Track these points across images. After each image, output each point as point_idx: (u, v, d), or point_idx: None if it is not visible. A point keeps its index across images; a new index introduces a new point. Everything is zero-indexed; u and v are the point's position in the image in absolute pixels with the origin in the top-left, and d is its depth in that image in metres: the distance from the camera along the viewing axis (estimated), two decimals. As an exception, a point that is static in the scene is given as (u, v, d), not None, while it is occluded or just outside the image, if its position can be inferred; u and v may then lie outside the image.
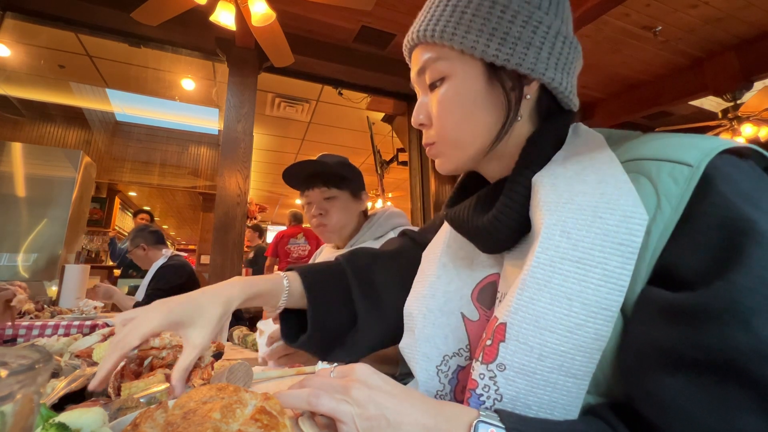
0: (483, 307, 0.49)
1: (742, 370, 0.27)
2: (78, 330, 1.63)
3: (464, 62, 0.45)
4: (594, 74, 3.51)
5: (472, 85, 0.45)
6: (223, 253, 2.62)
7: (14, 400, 0.20)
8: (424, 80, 0.48)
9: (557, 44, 0.44)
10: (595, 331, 0.33)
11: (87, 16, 2.61)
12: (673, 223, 0.33)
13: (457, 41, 0.43)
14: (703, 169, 0.33)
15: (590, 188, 0.37)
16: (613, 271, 0.33)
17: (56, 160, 2.95)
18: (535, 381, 0.35)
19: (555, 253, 0.36)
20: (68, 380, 0.54)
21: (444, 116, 0.47)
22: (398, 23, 2.80)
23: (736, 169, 0.34)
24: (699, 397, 0.28)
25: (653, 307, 0.32)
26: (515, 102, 0.44)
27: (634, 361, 0.33)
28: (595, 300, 0.33)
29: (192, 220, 8.38)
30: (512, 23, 0.42)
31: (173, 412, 0.34)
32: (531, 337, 0.35)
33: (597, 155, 0.40)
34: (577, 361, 0.34)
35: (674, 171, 0.34)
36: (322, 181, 1.08)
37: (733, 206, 0.31)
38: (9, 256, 2.69)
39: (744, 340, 0.27)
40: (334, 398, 0.36)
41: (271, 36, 2.20)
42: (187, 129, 4.88)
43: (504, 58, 0.42)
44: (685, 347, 0.29)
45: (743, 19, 2.80)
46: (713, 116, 3.78)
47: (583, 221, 0.35)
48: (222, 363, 0.69)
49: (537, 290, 0.36)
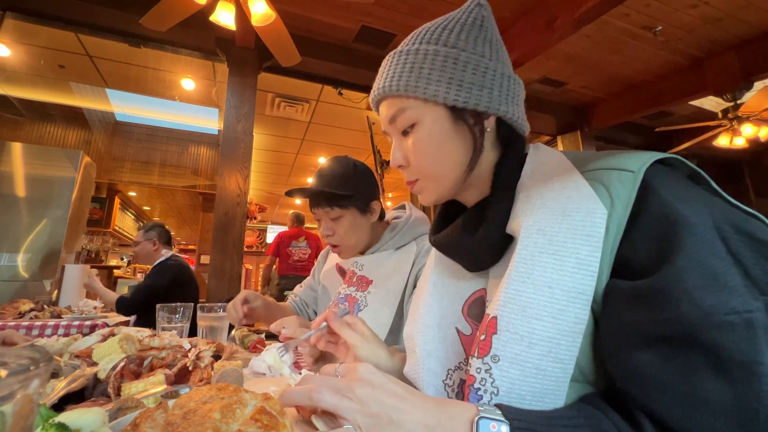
0: (474, 321, 0.52)
1: (695, 338, 0.31)
2: (78, 330, 1.63)
3: (430, 108, 0.52)
4: (594, 74, 3.51)
5: (440, 127, 0.52)
6: (223, 253, 2.62)
7: (14, 400, 0.20)
8: (396, 127, 0.55)
9: (504, 83, 0.52)
10: (575, 315, 0.38)
11: (87, 16, 2.61)
12: (625, 219, 0.38)
13: (420, 92, 0.51)
14: (642, 174, 0.39)
15: (557, 194, 0.43)
16: (584, 259, 0.38)
17: (56, 160, 2.95)
18: (527, 369, 0.38)
19: (534, 249, 0.41)
20: (68, 380, 0.54)
21: (421, 157, 0.53)
22: (398, 23, 2.80)
23: (668, 176, 0.41)
24: (667, 367, 0.32)
25: (619, 295, 0.37)
26: (479, 135, 0.52)
27: (612, 346, 0.37)
28: (572, 286, 0.38)
29: (192, 220, 8.38)
30: (464, 71, 0.50)
31: (173, 412, 0.34)
32: (520, 326, 0.39)
33: (558, 166, 0.47)
34: (563, 346, 0.37)
35: (621, 176, 0.40)
36: (326, 201, 1.01)
37: (670, 205, 0.37)
38: (9, 256, 2.69)
39: (691, 312, 0.31)
40: (336, 395, 0.36)
41: (276, 36, 2.20)
42: (187, 129, 4.87)
43: (463, 100, 0.50)
44: (649, 326, 0.34)
45: (743, 19, 2.80)
46: (713, 116, 3.78)
47: (555, 220, 0.41)
48: (222, 363, 0.69)
49: (521, 282, 0.40)
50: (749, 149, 4.05)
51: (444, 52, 0.51)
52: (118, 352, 0.68)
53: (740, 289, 0.32)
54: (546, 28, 2.56)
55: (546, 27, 2.56)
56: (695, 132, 3.77)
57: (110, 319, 1.91)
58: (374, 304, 0.97)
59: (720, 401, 0.30)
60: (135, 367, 0.63)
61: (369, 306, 0.98)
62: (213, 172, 5.08)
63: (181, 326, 1.13)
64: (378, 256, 1.06)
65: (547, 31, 2.56)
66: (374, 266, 1.04)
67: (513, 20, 2.79)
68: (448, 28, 0.53)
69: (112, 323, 1.84)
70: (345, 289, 1.06)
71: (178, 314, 1.13)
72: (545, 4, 2.58)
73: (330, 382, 0.38)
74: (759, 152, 4.91)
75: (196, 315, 1.13)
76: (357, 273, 1.06)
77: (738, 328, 0.30)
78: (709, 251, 0.34)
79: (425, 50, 0.52)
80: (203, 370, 0.66)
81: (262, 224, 9.18)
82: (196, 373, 0.65)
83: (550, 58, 3.20)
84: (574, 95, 3.94)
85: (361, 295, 1.01)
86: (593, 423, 0.34)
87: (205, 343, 0.85)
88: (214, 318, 1.11)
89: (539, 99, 3.95)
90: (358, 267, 1.07)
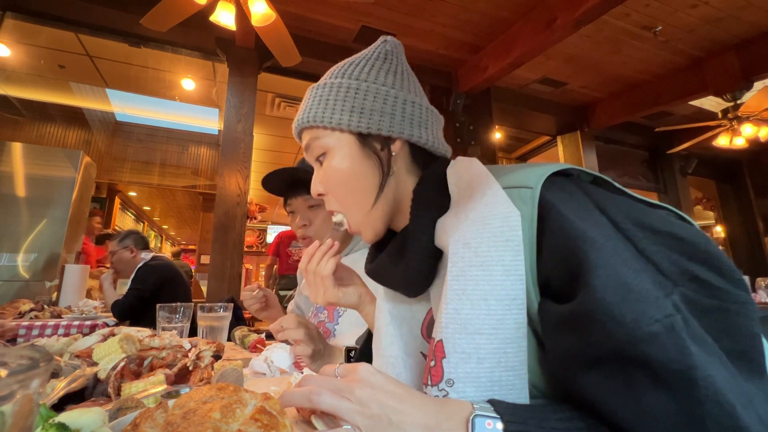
0: None
1: (627, 355, 0.31)
2: (78, 330, 1.63)
3: (337, 137, 0.54)
4: (594, 74, 3.51)
5: (348, 153, 0.54)
6: (223, 253, 2.62)
7: (14, 400, 0.20)
8: (311, 156, 0.58)
9: (406, 108, 0.54)
10: (515, 321, 0.38)
11: (87, 16, 2.61)
12: (534, 238, 0.39)
13: (327, 121, 0.53)
14: (539, 190, 0.40)
15: (477, 203, 0.43)
16: (510, 264, 0.38)
17: (56, 160, 2.95)
18: (482, 385, 0.37)
19: (462, 264, 0.41)
20: (68, 380, 0.54)
21: (333, 183, 0.56)
22: (398, 23, 2.80)
23: (562, 189, 0.41)
24: (611, 386, 0.32)
25: (551, 321, 0.37)
26: (386, 158, 0.54)
27: (557, 370, 0.37)
28: (505, 293, 0.38)
29: (192, 220, 8.38)
30: (365, 99, 0.53)
31: (173, 412, 0.34)
32: (465, 344, 0.38)
33: (475, 175, 0.47)
34: (510, 354, 0.37)
35: (521, 193, 0.41)
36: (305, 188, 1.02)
37: (570, 222, 0.37)
38: (9, 256, 2.68)
39: (616, 330, 0.31)
40: (336, 396, 0.36)
41: (276, 36, 2.20)
42: (187, 129, 4.87)
43: (366, 126, 0.52)
44: (584, 349, 0.34)
45: (743, 19, 2.80)
46: (713, 116, 3.78)
47: (477, 230, 0.41)
48: (222, 363, 0.69)
49: (458, 300, 0.40)
50: (749, 149, 4.05)
51: (346, 83, 0.54)
52: (118, 352, 0.68)
53: (654, 295, 0.32)
54: (546, 28, 2.56)
55: (546, 27, 2.56)
56: (695, 132, 3.77)
57: (110, 319, 1.91)
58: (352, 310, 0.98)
59: (666, 413, 0.29)
60: (135, 367, 0.63)
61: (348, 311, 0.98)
62: (213, 172, 5.07)
63: (181, 326, 1.13)
64: (352, 257, 1.06)
65: (547, 31, 2.56)
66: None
67: (513, 20, 2.79)
68: (355, 63, 0.57)
69: (112, 323, 1.84)
70: None
71: (178, 314, 1.13)
72: (545, 4, 2.58)
73: (330, 383, 0.38)
74: (759, 152, 4.91)
75: (196, 315, 1.13)
76: None
77: (662, 337, 0.30)
78: (616, 262, 0.34)
79: (331, 83, 0.55)
80: (203, 370, 0.66)
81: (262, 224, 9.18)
82: (196, 373, 0.65)
83: (550, 58, 3.20)
84: (574, 95, 3.94)
85: None
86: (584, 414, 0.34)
87: (205, 343, 0.85)
88: (214, 318, 1.11)
89: (539, 99, 3.95)
90: None
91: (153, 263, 2.32)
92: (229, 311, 1.14)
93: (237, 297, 2.51)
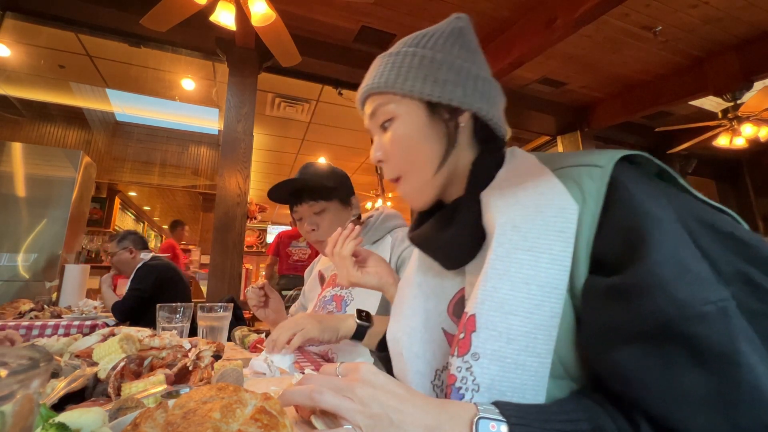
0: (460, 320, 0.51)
1: (672, 331, 0.31)
2: (78, 330, 1.64)
3: (407, 103, 0.54)
4: (594, 74, 3.51)
5: (416, 120, 0.54)
6: (223, 253, 2.62)
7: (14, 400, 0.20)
8: (375, 122, 0.58)
9: (478, 83, 0.54)
10: (551, 309, 0.38)
11: (87, 16, 2.61)
12: (597, 213, 0.39)
13: (399, 87, 0.54)
14: (610, 169, 0.40)
15: (530, 191, 0.44)
16: (558, 255, 0.39)
17: (56, 160, 2.95)
18: (507, 365, 0.38)
19: (509, 245, 0.42)
20: (68, 380, 0.54)
21: (397, 149, 0.56)
22: (398, 23, 2.80)
23: (636, 173, 0.42)
24: (648, 363, 0.32)
25: (597, 293, 0.37)
26: (453, 130, 0.54)
27: (594, 345, 0.37)
28: (547, 281, 0.39)
29: (192, 220, 8.37)
30: (439, 70, 0.53)
31: (173, 412, 0.34)
32: (498, 322, 0.39)
33: (532, 168, 0.48)
34: (540, 341, 0.38)
35: (591, 172, 0.41)
36: (308, 195, 1.06)
37: (638, 201, 0.38)
38: (9, 256, 2.68)
39: (666, 305, 0.32)
40: (337, 395, 0.36)
41: (276, 36, 2.20)
42: (187, 129, 4.87)
43: (438, 95, 0.52)
44: (627, 322, 0.34)
45: (743, 19, 2.80)
46: (713, 116, 3.78)
47: (528, 216, 0.42)
48: (222, 363, 0.69)
49: (498, 279, 0.41)
50: (749, 149, 4.05)
51: (421, 53, 0.55)
52: (118, 352, 0.68)
53: (711, 279, 0.32)
54: (546, 28, 2.56)
55: (546, 27, 2.56)
56: (695, 132, 3.77)
57: (110, 319, 1.92)
58: (360, 296, 1.01)
59: (701, 393, 0.30)
60: (135, 367, 0.63)
61: (356, 299, 1.02)
62: (213, 172, 5.07)
63: (181, 326, 1.13)
64: None
65: (547, 31, 2.56)
66: None
67: (513, 20, 2.79)
68: (428, 35, 0.57)
69: (112, 323, 1.84)
70: (330, 291, 1.09)
71: (178, 314, 1.13)
72: (545, 4, 2.58)
73: (331, 381, 0.38)
74: (759, 152, 4.91)
75: (196, 315, 1.13)
76: None
77: (714, 319, 0.30)
78: (678, 244, 0.34)
79: (405, 51, 0.56)
80: (203, 370, 0.66)
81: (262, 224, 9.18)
82: (196, 373, 0.65)
83: (550, 58, 3.20)
84: (574, 95, 3.94)
85: (347, 292, 1.05)
86: (591, 417, 0.34)
87: (205, 343, 0.85)
88: (214, 318, 1.11)
89: (539, 99, 3.95)
90: None
91: (152, 263, 2.32)
92: (229, 311, 1.14)
93: (237, 297, 2.51)
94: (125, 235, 2.44)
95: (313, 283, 1.24)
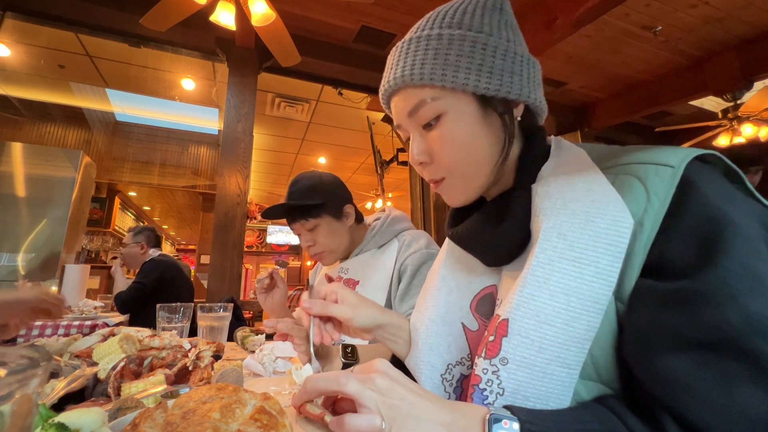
0: (482, 317, 0.51)
1: (736, 344, 0.30)
2: (78, 330, 1.63)
3: (457, 98, 0.47)
4: (594, 74, 3.50)
5: (469, 117, 0.47)
6: (223, 253, 2.62)
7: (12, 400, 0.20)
8: (415, 120, 0.50)
9: (529, 68, 0.49)
10: (588, 323, 0.37)
11: (87, 16, 2.61)
12: (662, 215, 0.37)
13: (448, 80, 0.46)
14: (682, 170, 0.37)
15: (580, 195, 0.41)
16: (604, 269, 0.37)
17: (56, 160, 2.95)
18: (534, 373, 0.37)
19: (553, 253, 0.39)
20: (68, 380, 0.54)
21: (449, 151, 0.48)
22: (398, 23, 2.80)
23: (710, 174, 0.39)
24: (702, 374, 0.31)
25: (653, 297, 0.35)
26: (509, 122, 0.49)
27: (640, 348, 0.35)
28: (589, 294, 0.37)
29: (192, 220, 8.37)
30: (493, 57, 0.46)
31: (173, 411, 0.34)
32: (532, 330, 0.38)
33: (582, 166, 0.44)
34: (572, 352, 0.37)
35: (659, 171, 0.38)
36: (300, 214, 1.06)
37: (713, 203, 0.35)
38: (9, 256, 2.68)
39: (735, 317, 0.30)
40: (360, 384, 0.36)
41: (276, 36, 2.20)
42: (187, 129, 4.87)
43: (495, 89, 0.46)
44: (686, 329, 0.32)
45: (743, 19, 2.80)
46: (713, 116, 3.78)
47: (577, 224, 0.39)
48: (222, 363, 0.69)
49: (537, 287, 0.39)
50: (749, 149, 4.05)
51: (471, 36, 0.46)
52: (118, 352, 0.68)
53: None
54: (546, 28, 2.56)
55: (546, 27, 2.56)
56: (695, 132, 3.77)
57: (110, 319, 1.91)
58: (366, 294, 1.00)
59: (760, 412, 0.28)
60: (135, 367, 0.63)
61: None
62: (213, 172, 5.07)
63: (181, 326, 1.13)
64: (361, 257, 1.10)
65: (547, 31, 2.56)
66: (359, 268, 1.08)
67: (513, 20, 2.79)
68: (469, 12, 0.49)
69: (112, 323, 1.84)
70: None
71: (178, 314, 1.13)
72: (545, 4, 2.58)
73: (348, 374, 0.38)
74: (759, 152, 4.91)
75: (196, 315, 1.13)
76: (343, 277, 1.10)
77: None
78: (754, 254, 0.32)
79: (449, 35, 0.47)
80: (203, 370, 0.66)
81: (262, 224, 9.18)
82: (196, 373, 0.65)
83: (550, 58, 3.20)
84: (574, 95, 3.94)
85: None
86: (607, 428, 0.33)
87: (205, 343, 0.85)
88: (214, 318, 1.11)
89: (539, 99, 3.95)
90: (344, 271, 1.11)
91: (158, 259, 2.37)
92: (229, 311, 1.14)
93: (237, 297, 2.51)
94: (141, 229, 2.49)
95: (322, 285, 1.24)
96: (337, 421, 0.34)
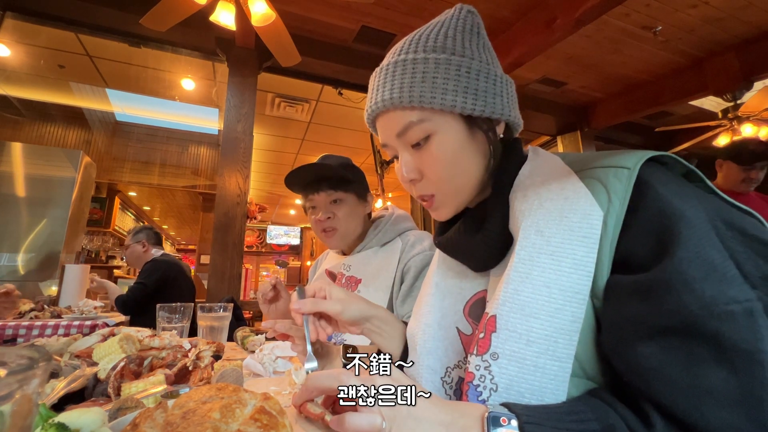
0: (475, 322, 0.53)
1: (697, 328, 0.32)
2: (78, 330, 1.63)
3: (445, 119, 0.50)
4: (594, 74, 3.50)
5: (457, 136, 0.51)
6: (223, 253, 2.62)
7: (12, 400, 0.20)
8: (405, 140, 0.52)
9: (507, 87, 0.53)
10: (572, 314, 0.39)
11: (87, 16, 2.61)
12: (623, 214, 0.39)
13: (437, 102, 0.49)
14: (638, 170, 0.40)
15: (554, 194, 0.44)
16: (581, 260, 0.39)
17: (56, 160, 2.95)
18: (525, 367, 0.39)
19: (532, 249, 0.42)
20: (68, 380, 0.54)
21: (438, 169, 0.51)
22: (398, 23, 2.80)
23: (663, 173, 0.42)
24: (670, 359, 0.33)
25: (621, 290, 0.38)
26: (493, 139, 0.53)
27: (615, 340, 0.37)
28: (569, 285, 0.39)
29: (192, 220, 8.37)
30: (477, 80, 0.50)
31: (173, 411, 0.34)
32: (518, 324, 0.40)
33: (556, 169, 0.48)
34: (560, 344, 0.38)
35: (617, 173, 0.41)
36: (328, 184, 1.04)
37: (667, 200, 0.38)
38: (9, 255, 2.69)
39: (692, 302, 0.32)
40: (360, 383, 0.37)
41: (276, 36, 2.20)
42: (187, 129, 4.86)
43: (480, 109, 0.50)
44: (651, 318, 0.34)
45: (743, 19, 2.80)
46: (713, 116, 3.78)
47: (553, 221, 0.42)
48: (222, 363, 0.69)
49: (520, 282, 0.41)
50: (749, 149, 4.05)
51: (456, 60, 0.50)
52: (118, 352, 0.68)
53: (738, 279, 0.32)
54: (546, 28, 2.56)
55: (546, 27, 2.56)
56: (695, 132, 3.77)
57: (110, 319, 1.91)
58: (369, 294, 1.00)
59: (724, 391, 0.30)
60: (135, 367, 0.63)
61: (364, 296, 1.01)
62: (213, 172, 5.07)
63: (181, 326, 1.13)
64: (364, 254, 1.09)
65: (547, 31, 2.56)
66: (361, 265, 1.07)
67: (513, 20, 2.79)
68: (450, 36, 0.52)
69: (112, 323, 1.84)
70: None
71: (178, 314, 1.13)
72: (545, 4, 2.58)
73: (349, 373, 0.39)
74: (759, 152, 4.90)
75: (196, 315, 1.13)
76: (345, 274, 1.09)
77: (739, 317, 0.31)
78: (706, 243, 0.34)
79: (435, 59, 0.50)
80: (203, 370, 0.66)
81: (262, 224, 9.19)
82: (196, 373, 0.65)
83: (550, 58, 3.20)
84: (574, 95, 3.94)
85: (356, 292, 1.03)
86: (601, 416, 0.34)
87: (205, 343, 0.85)
88: (214, 318, 1.11)
89: (539, 99, 3.95)
90: (346, 268, 1.10)
91: (160, 259, 2.37)
92: (229, 311, 1.14)
93: (237, 297, 2.51)
94: (141, 228, 2.49)
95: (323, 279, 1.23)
96: (338, 419, 0.34)
